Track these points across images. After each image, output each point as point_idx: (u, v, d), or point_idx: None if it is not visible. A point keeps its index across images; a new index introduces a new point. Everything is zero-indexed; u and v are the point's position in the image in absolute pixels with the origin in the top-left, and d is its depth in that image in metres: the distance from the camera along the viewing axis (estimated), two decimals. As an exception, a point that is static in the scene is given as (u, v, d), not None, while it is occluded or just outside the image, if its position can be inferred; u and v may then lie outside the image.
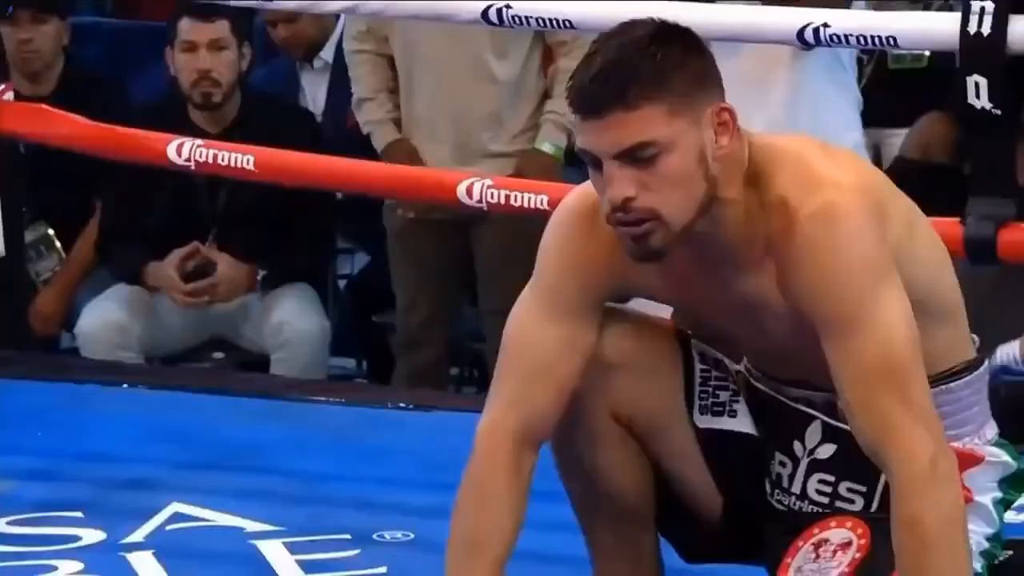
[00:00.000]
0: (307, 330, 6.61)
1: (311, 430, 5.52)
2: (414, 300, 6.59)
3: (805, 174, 3.63)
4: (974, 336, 3.93)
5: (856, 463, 3.64)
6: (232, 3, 6.03)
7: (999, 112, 4.96)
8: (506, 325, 3.80)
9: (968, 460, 3.78)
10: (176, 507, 4.88)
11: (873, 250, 3.58)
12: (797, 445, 3.80)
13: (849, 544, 3.65)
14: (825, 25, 5.19)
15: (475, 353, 6.73)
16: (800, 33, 5.22)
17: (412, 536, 4.36)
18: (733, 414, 3.87)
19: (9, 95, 5.84)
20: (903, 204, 3.77)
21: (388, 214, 6.59)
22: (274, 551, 4.63)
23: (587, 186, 3.72)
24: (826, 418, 3.75)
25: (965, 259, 5.14)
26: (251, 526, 4.74)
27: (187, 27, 6.54)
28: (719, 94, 3.60)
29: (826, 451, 3.78)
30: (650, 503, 3.93)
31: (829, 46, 5.55)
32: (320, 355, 6.68)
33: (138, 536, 4.72)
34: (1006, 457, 3.87)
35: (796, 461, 3.80)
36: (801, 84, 6.09)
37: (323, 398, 5.93)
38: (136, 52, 7.29)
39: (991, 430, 3.89)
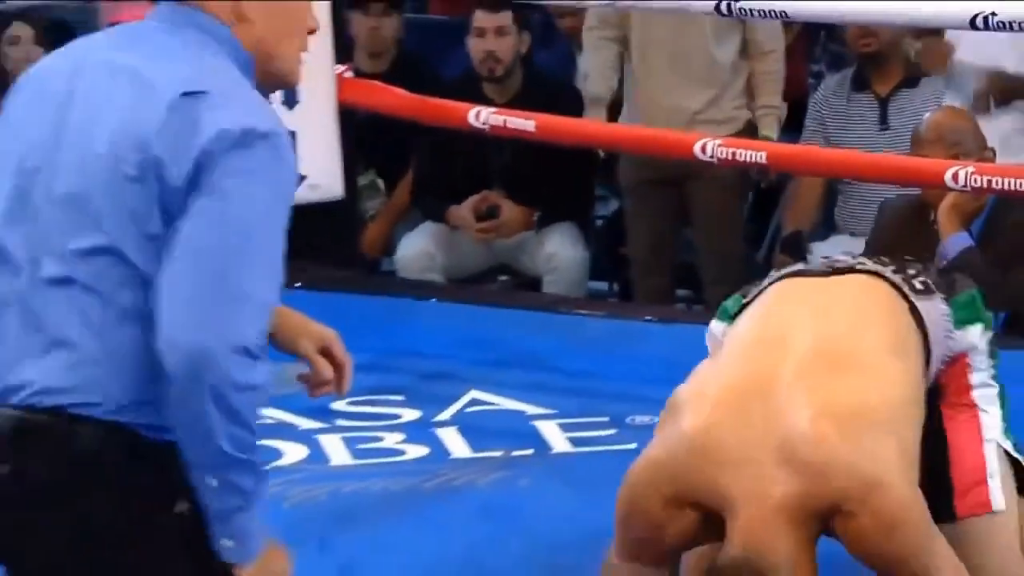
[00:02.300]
0: (571, 258, 6.64)
1: (575, 337, 5.53)
2: (644, 238, 6.62)
3: None
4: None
5: None
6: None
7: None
8: None
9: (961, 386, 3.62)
10: (473, 394, 4.98)
11: None
12: None
13: None
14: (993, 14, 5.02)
15: (694, 279, 6.73)
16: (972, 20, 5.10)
17: (656, 420, 4.36)
18: None
19: (349, 73, 5.97)
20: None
21: (622, 170, 6.63)
22: (549, 429, 4.72)
23: None
24: None
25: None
26: (531, 410, 4.83)
27: (479, 16, 6.56)
28: None
29: None
30: None
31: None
32: (581, 278, 6.69)
33: (445, 415, 4.85)
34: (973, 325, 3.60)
35: None
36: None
37: (584, 312, 5.93)
38: (445, 40, 7.32)
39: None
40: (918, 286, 3.48)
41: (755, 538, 3.14)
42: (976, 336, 3.54)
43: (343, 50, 6.02)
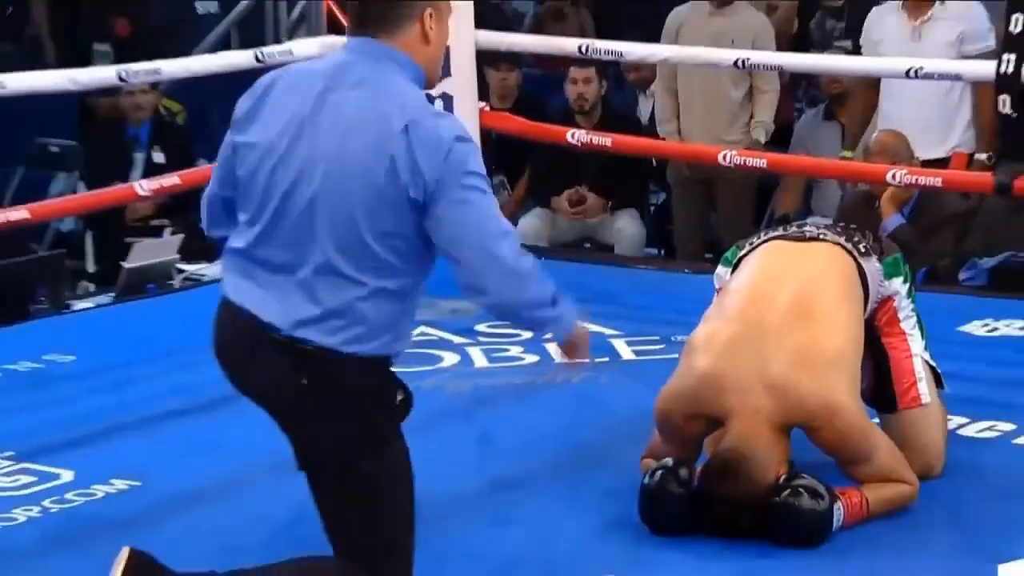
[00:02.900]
0: (633, 232, 6.62)
1: (635, 282, 5.49)
2: (684, 218, 6.60)
3: None
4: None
5: None
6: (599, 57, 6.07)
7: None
8: None
9: (892, 319, 3.55)
10: None
11: None
12: None
13: None
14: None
15: (716, 245, 6.72)
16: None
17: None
18: None
19: (487, 108, 5.98)
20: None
21: (669, 172, 6.61)
22: (619, 344, 4.69)
23: None
24: None
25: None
26: (607, 331, 4.74)
27: (573, 70, 6.53)
28: None
29: None
30: None
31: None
32: (639, 245, 6.64)
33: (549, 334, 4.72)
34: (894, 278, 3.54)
35: None
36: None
37: (641, 266, 5.94)
38: (551, 85, 7.26)
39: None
40: (862, 249, 3.49)
41: (745, 437, 3.20)
42: (899, 285, 3.54)
43: (483, 93, 6.01)
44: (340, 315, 2.63)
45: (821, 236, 3.53)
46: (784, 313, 3.34)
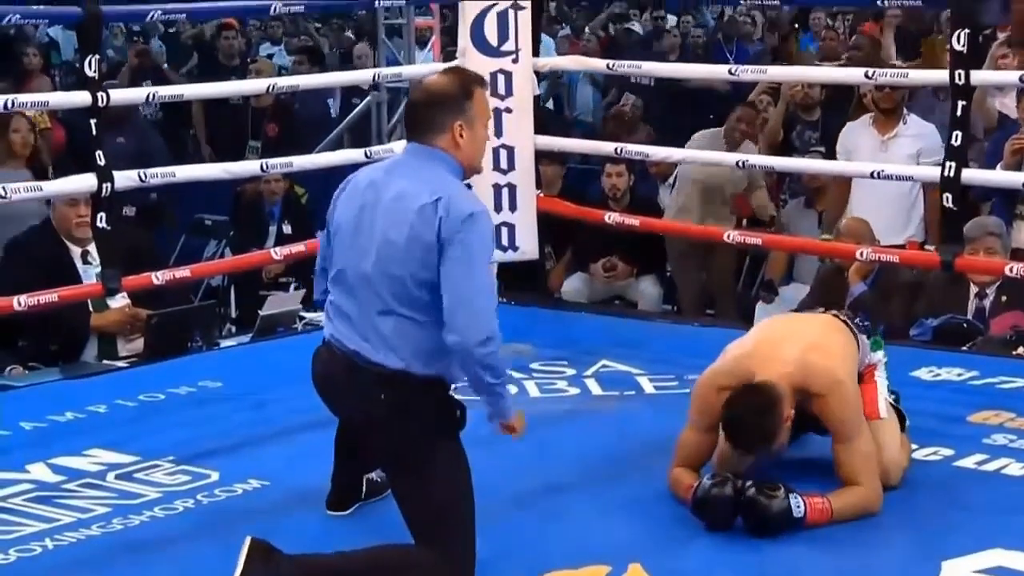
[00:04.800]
0: (653, 292, 6.56)
1: (654, 332, 5.26)
2: (683, 284, 6.60)
3: None
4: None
5: None
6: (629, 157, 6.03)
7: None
8: None
9: (870, 371, 3.54)
10: (603, 361, 4.76)
11: None
12: None
13: None
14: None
15: (712, 304, 6.70)
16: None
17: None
18: None
19: (541, 194, 5.71)
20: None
21: (668, 242, 6.55)
22: (643, 381, 4.53)
23: None
24: None
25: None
26: (633, 371, 4.62)
27: (607, 166, 6.46)
28: None
29: None
30: None
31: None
32: (658, 302, 6.53)
33: (588, 372, 4.65)
34: (877, 351, 3.57)
35: None
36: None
37: (659, 320, 5.75)
38: (589, 178, 7.16)
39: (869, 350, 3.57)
40: (859, 326, 3.56)
41: (769, 382, 3.20)
42: (880, 356, 3.58)
43: (538, 183, 5.93)
44: (403, 344, 2.74)
45: (827, 311, 3.61)
46: (798, 337, 3.39)
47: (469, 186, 3.10)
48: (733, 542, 3.17)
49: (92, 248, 4.87)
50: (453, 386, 2.92)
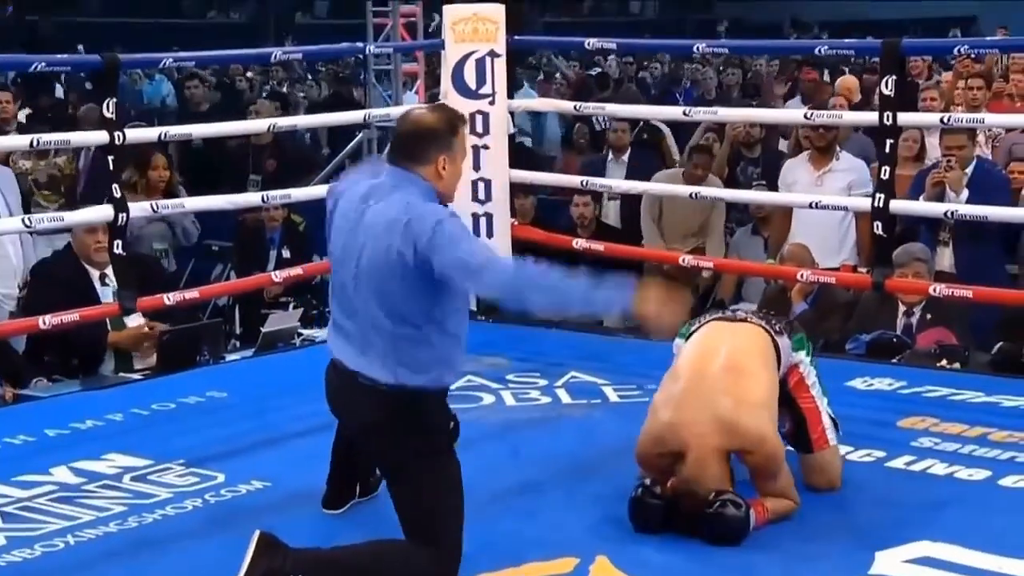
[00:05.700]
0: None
1: (619, 347, 5.18)
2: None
3: None
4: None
5: None
6: (595, 189, 5.96)
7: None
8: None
9: (801, 383, 3.44)
10: (573, 372, 4.68)
11: None
12: None
13: None
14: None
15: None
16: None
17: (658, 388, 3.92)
18: None
19: (515, 222, 5.76)
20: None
21: (646, 270, 6.44)
22: (608, 390, 4.49)
23: None
24: None
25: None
26: (599, 380, 4.56)
27: (576, 197, 6.37)
28: None
29: None
30: None
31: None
32: (620, 319, 6.30)
33: (559, 382, 4.55)
34: (800, 351, 3.42)
35: None
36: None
37: (624, 335, 5.49)
38: (560, 209, 7.00)
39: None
40: (777, 329, 3.46)
41: (698, 466, 3.14)
42: (803, 356, 3.49)
43: (513, 212, 5.89)
44: (396, 358, 2.69)
45: (748, 319, 3.52)
46: (721, 368, 3.31)
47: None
48: (688, 540, 3.15)
49: (109, 271, 4.90)
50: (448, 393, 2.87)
